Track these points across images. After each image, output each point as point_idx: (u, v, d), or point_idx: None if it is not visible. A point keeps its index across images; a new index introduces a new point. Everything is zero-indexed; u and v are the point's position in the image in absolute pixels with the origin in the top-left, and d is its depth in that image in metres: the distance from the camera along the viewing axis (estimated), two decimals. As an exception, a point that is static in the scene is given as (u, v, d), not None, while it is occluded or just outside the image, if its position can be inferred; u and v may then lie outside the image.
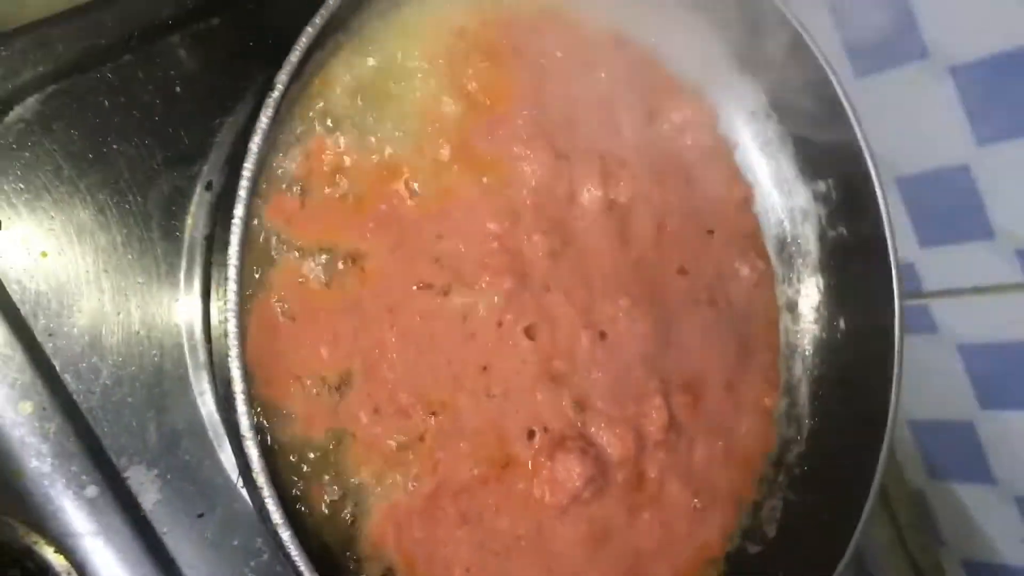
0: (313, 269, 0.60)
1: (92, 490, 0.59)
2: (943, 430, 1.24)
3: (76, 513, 0.59)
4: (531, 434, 0.66)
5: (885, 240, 0.77)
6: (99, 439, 0.60)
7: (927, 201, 1.12)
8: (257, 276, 0.58)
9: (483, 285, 0.66)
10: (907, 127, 1.04)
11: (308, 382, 0.59)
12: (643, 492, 0.71)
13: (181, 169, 0.65)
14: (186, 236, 0.64)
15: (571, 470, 0.66)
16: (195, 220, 0.64)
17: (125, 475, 0.61)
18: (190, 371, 0.63)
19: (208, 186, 0.61)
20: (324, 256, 0.61)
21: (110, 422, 0.61)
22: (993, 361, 1.15)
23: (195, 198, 0.64)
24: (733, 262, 0.78)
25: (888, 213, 0.77)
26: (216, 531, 0.63)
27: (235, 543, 0.64)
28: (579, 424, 0.69)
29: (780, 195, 0.83)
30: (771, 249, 0.83)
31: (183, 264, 0.64)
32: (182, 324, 0.64)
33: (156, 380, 0.63)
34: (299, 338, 0.59)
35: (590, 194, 0.70)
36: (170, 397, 0.63)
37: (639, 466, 0.71)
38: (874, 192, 0.77)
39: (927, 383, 1.21)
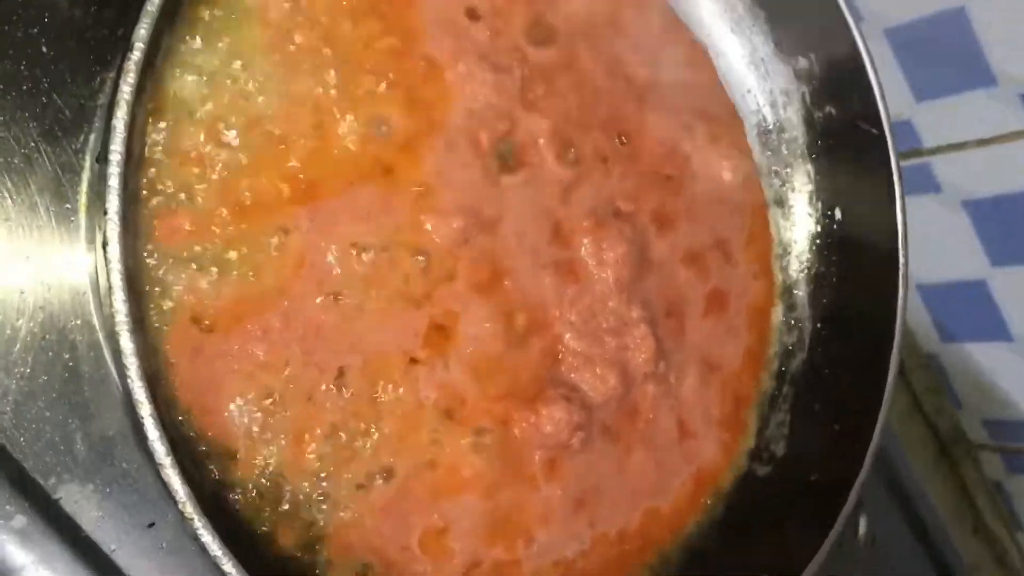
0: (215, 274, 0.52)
1: (20, 520, 0.54)
2: (954, 291, 1.21)
3: (6, 548, 0.53)
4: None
5: (879, 114, 0.69)
6: (19, 462, 0.54)
7: (921, 51, 1.05)
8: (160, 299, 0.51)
9: (430, 232, 0.58)
10: None
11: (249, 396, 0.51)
12: (634, 430, 0.65)
13: (65, 143, 0.56)
14: (82, 219, 0.56)
15: (558, 419, 0.60)
16: (89, 199, 0.56)
17: (56, 496, 0.55)
18: (112, 370, 0.56)
19: (99, 157, 0.52)
20: (233, 253, 0.53)
21: (29, 441, 0.55)
22: (1002, 215, 1.10)
23: (85, 174, 0.56)
24: (712, 164, 0.70)
25: (880, 85, 0.68)
26: (172, 537, 0.57)
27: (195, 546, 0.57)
28: (560, 369, 0.62)
29: (757, 78, 0.74)
30: (752, 140, 0.74)
31: (84, 252, 0.56)
32: (96, 321, 0.56)
33: (75, 386, 0.56)
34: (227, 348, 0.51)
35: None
36: (94, 402, 0.56)
37: (628, 404, 0.65)
38: (861, 60, 0.68)
39: (933, 244, 1.17)
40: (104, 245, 0.42)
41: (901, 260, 0.68)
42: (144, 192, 0.50)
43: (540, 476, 0.61)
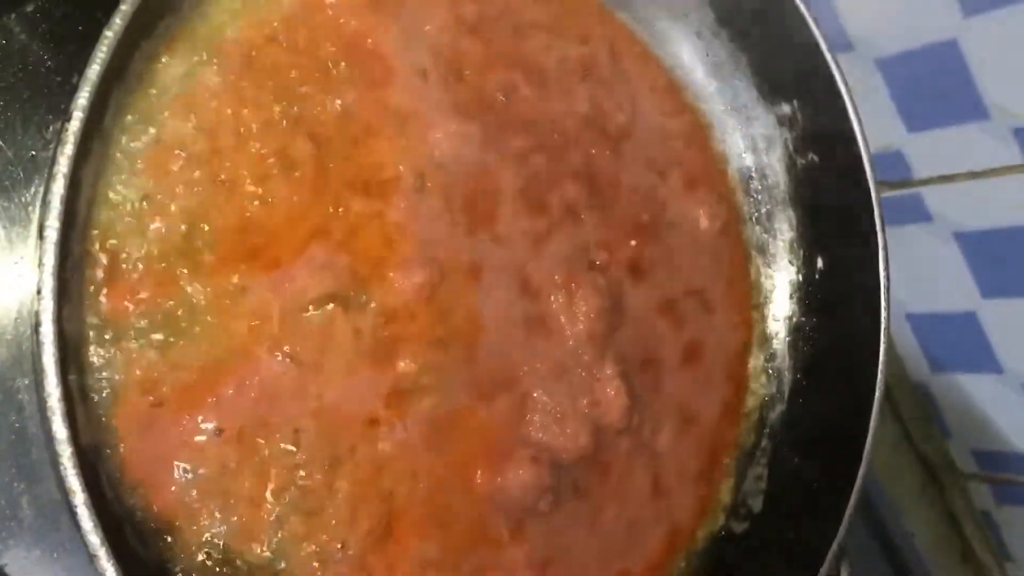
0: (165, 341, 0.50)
1: (-38, 588, 0.52)
2: (944, 322, 1.19)
3: (-51, 616, 0.51)
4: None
5: (862, 163, 0.67)
6: (-40, 531, 0.52)
7: (912, 82, 1.03)
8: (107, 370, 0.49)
9: (394, 286, 0.56)
10: (887, 2, 0.97)
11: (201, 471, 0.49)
12: (606, 487, 0.63)
13: (14, 194, 0.54)
14: (31, 275, 0.54)
15: (524, 482, 0.58)
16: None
17: (1, 563, 0.53)
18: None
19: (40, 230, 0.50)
20: (184, 318, 0.51)
21: (-29, 508, 0.53)
22: (993, 248, 1.08)
23: (34, 228, 0.54)
24: (689, 211, 0.68)
25: (864, 137, 0.66)
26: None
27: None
28: (529, 428, 0.60)
29: (739, 123, 0.72)
30: (734, 186, 0.72)
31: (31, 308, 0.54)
32: (43, 380, 0.54)
33: (21, 448, 0.54)
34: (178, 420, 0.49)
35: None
36: (41, 464, 0.54)
37: (600, 460, 0.63)
38: (845, 110, 0.67)
39: (924, 275, 1.15)
40: (36, 326, 0.40)
41: (883, 315, 0.66)
42: (89, 258, 0.47)
43: (506, 538, 0.59)
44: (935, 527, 1.33)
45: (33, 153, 0.55)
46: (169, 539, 0.51)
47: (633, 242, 0.66)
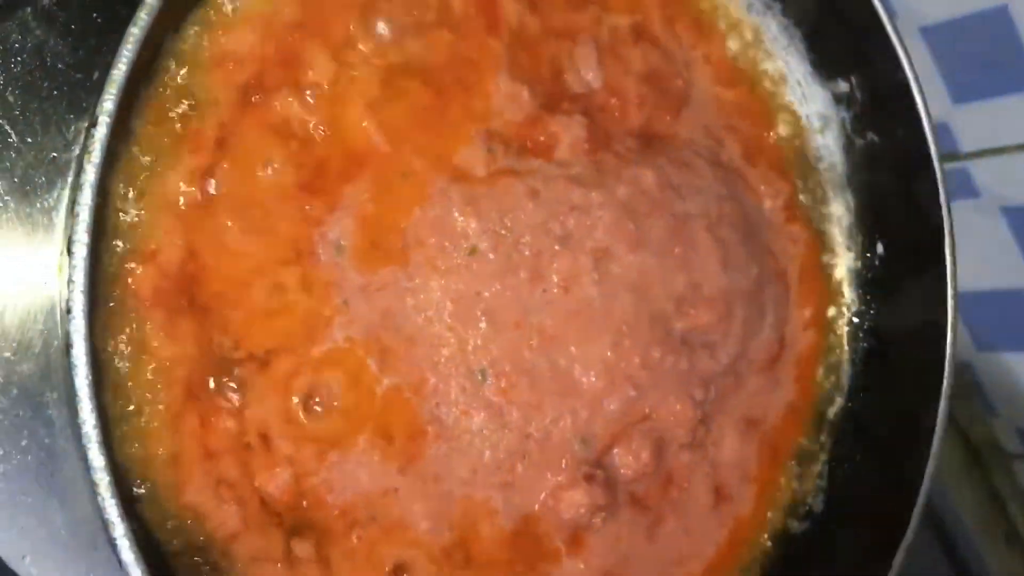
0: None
1: (-6, 614, 0.49)
2: (991, 299, 1.15)
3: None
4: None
5: (926, 142, 0.63)
6: (-12, 550, 0.49)
7: (959, 51, 0.99)
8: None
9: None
10: None
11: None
12: (666, 500, 0.60)
13: (35, 198, 0.51)
14: (54, 282, 0.51)
15: (577, 504, 0.55)
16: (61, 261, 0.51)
17: (34, 586, 0.50)
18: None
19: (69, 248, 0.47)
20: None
21: (3, 526, 0.50)
22: None
23: (58, 234, 0.51)
24: (751, 187, 0.64)
25: (928, 113, 0.62)
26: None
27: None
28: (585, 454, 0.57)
29: (793, 101, 0.68)
30: (788, 167, 0.68)
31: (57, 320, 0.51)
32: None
33: (53, 465, 0.51)
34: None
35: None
36: (75, 480, 0.51)
37: (661, 475, 0.60)
38: (908, 85, 0.63)
39: (970, 251, 1.10)
40: (67, 348, 0.37)
41: (950, 304, 0.63)
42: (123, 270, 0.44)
43: (563, 551, 0.56)
44: (980, 507, 1.30)
45: (55, 155, 0.52)
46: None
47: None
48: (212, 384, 0.48)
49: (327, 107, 0.52)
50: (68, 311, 0.37)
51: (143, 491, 0.45)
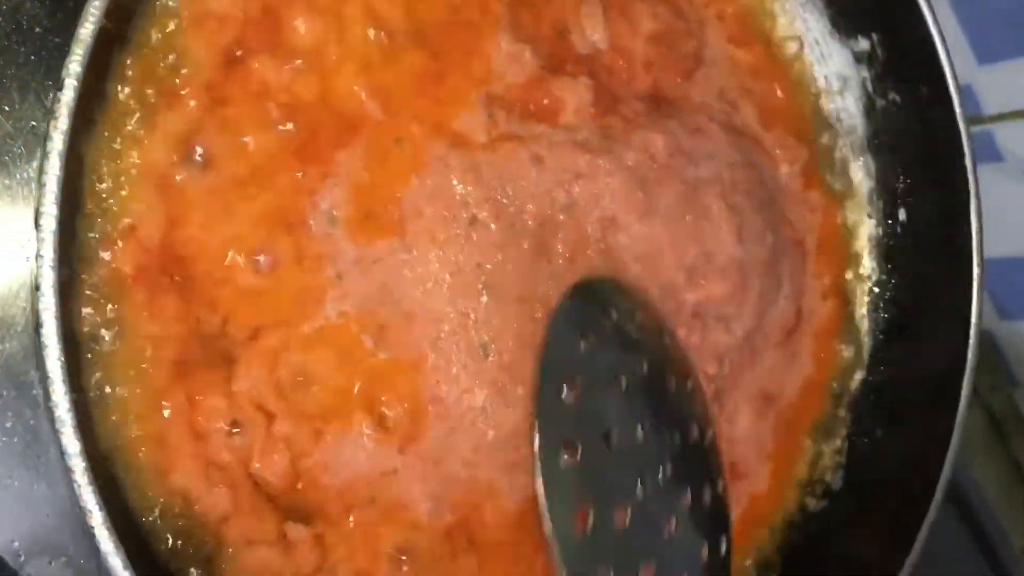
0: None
1: (-27, 610, 0.47)
2: (1014, 267, 1.12)
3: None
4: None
5: (951, 103, 0.60)
6: (-25, 540, 0.48)
7: (984, 10, 0.95)
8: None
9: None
10: None
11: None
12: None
13: (12, 169, 0.49)
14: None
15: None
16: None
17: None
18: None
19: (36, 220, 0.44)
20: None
21: (-6, 518, 0.48)
22: None
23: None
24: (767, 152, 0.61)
25: (953, 68, 0.59)
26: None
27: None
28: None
29: (811, 61, 0.65)
30: (807, 129, 0.65)
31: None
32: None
33: (39, 447, 0.49)
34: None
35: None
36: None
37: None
38: (932, 42, 0.59)
39: (994, 216, 1.07)
40: (38, 327, 0.35)
41: (976, 272, 0.60)
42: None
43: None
44: (999, 479, 1.28)
45: (33, 124, 0.50)
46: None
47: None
48: (199, 363, 0.46)
49: (316, 71, 0.49)
50: (37, 287, 0.35)
51: (126, 475, 0.43)
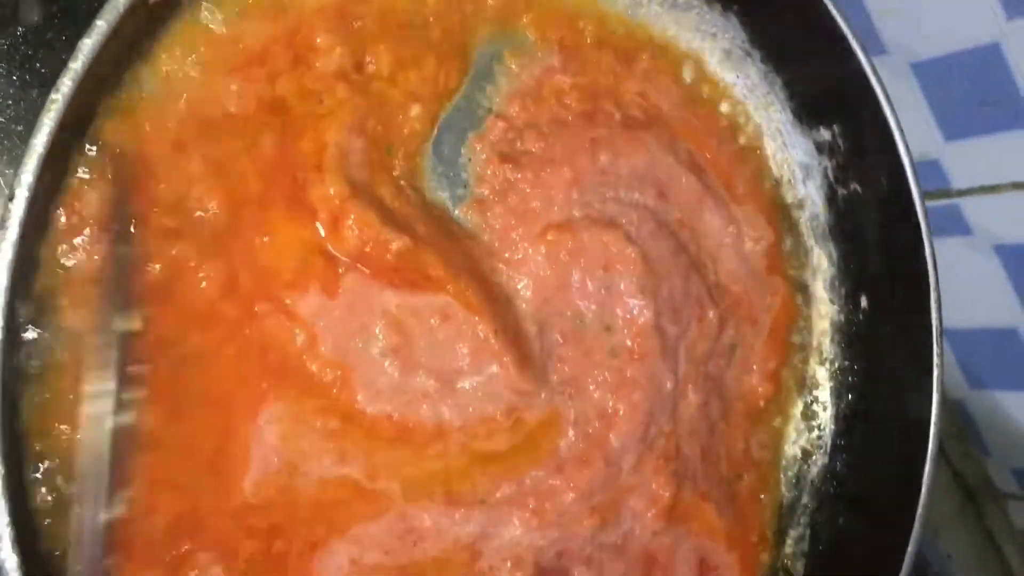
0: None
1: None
2: (983, 338, 1.13)
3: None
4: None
5: (910, 192, 0.60)
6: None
7: (950, 88, 0.97)
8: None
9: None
10: (923, 2, 0.90)
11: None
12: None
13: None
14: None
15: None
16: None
17: None
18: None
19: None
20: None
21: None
22: None
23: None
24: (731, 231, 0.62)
25: (911, 159, 0.60)
26: None
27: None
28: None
29: (774, 150, 0.66)
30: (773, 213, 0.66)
31: None
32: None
33: None
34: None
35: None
36: None
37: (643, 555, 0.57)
38: (891, 134, 0.60)
39: (962, 288, 1.09)
40: None
41: (935, 362, 0.60)
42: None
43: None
44: (974, 548, 1.28)
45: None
46: None
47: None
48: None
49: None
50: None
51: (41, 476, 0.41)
